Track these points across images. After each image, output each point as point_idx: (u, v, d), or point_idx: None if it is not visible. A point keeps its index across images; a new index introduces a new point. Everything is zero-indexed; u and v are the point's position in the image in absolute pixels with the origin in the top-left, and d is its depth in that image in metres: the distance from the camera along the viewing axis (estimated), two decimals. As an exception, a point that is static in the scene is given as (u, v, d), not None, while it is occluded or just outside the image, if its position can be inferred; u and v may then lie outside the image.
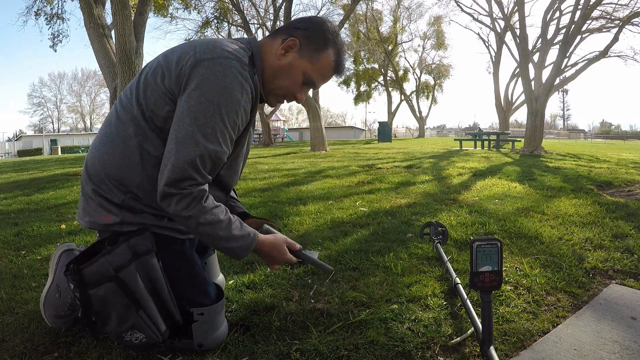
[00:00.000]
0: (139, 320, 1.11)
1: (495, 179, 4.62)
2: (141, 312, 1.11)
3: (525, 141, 10.79)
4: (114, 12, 6.05)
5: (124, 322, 1.11)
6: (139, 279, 1.11)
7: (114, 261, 1.08)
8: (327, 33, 1.16)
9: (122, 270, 1.09)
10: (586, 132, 65.00)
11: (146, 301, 1.12)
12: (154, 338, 1.13)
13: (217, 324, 1.22)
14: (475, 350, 1.20)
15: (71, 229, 2.74)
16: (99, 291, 1.08)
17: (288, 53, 1.15)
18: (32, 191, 4.69)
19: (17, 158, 23.01)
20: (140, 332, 1.12)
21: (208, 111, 1.01)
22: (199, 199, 1.04)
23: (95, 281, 1.08)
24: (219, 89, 1.02)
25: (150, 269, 1.13)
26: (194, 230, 1.07)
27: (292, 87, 1.18)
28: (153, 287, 1.14)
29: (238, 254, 1.12)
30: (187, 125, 1.02)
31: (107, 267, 1.08)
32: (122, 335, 1.12)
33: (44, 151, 31.46)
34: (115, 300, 1.09)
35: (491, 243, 1.14)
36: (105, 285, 1.08)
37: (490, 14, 17.86)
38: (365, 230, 2.49)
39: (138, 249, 1.11)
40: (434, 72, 34.68)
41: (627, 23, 11.29)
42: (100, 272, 1.08)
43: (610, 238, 2.24)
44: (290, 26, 1.18)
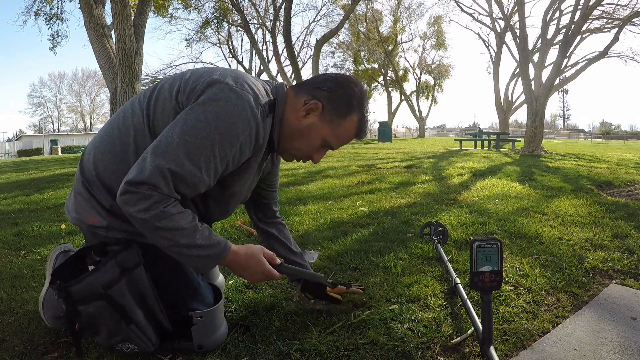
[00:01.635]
0: (130, 334, 1.11)
1: (495, 179, 4.62)
2: (132, 326, 1.10)
3: (525, 141, 10.79)
4: (114, 12, 6.05)
5: (115, 335, 1.11)
6: (127, 294, 1.09)
7: (102, 279, 1.07)
8: (352, 99, 1.13)
9: (112, 288, 1.07)
10: (586, 132, 65.03)
11: (136, 315, 1.11)
12: (145, 348, 1.14)
13: (217, 325, 1.22)
14: (475, 350, 1.20)
15: (71, 229, 2.73)
16: (88, 308, 1.07)
17: (309, 115, 1.12)
18: (32, 191, 4.69)
19: (17, 158, 23.01)
20: (131, 344, 1.12)
21: (202, 132, 0.97)
22: (159, 203, 0.96)
23: (84, 299, 1.06)
24: (223, 115, 0.98)
25: (138, 283, 1.12)
26: (151, 236, 1.00)
27: (309, 150, 1.16)
28: (142, 300, 1.13)
29: (204, 264, 1.05)
30: (176, 136, 0.97)
31: (96, 286, 1.06)
32: (114, 346, 1.13)
33: (44, 151, 31.46)
34: (105, 316, 1.08)
35: (491, 243, 1.14)
36: (94, 303, 1.07)
37: (490, 14, 17.88)
38: (365, 230, 2.49)
39: (126, 264, 1.09)
40: (433, 72, 34.70)
41: (627, 23, 11.30)
42: (89, 290, 1.06)
43: (610, 238, 2.24)
44: (316, 85, 1.14)
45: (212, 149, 0.98)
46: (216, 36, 18.94)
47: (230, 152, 1.01)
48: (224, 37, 19.23)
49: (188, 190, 1.01)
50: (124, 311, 1.09)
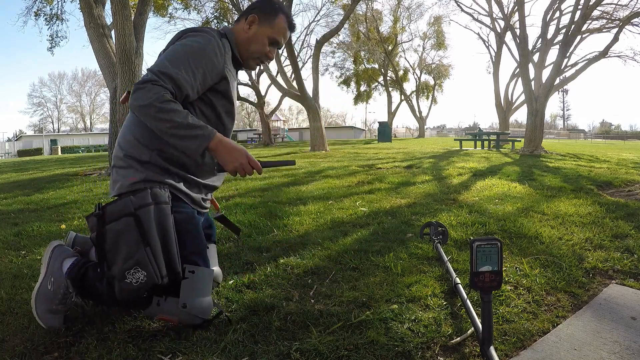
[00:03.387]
0: (144, 257, 1.22)
1: (495, 179, 4.62)
2: (148, 249, 1.23)
3: (525, 141, 10.79)
4: (114, 12, 6.05)
5: (131, 257, 1.21)
6: (153, 221, 1.25)
7: (136, 201, 1.25)
8: (274, 4, 1.55)
9: (141, 209, 1.25)
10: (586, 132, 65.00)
11: (155, 242, 1.25)
12: (154, 278, 1.23)
13: (205, 291, 1.34)
14: (475, 350, 1.20)
15: (71, 229, 2.73)
16: (116, 225, 1.23)
17: (252, 26, 1.52)
18: (32, 191, 4.69)
19: (17, 158, 23.01)
20: (142, 271, 1.21)
21: (179, 52, 1.35)
22: (160, 92, 1.25)
23: (116, 216, 1.23)
24: (193, 41, 1.38)
25: (164, 218, 1.28)
26: (153, 118, 1.24)
27: (263, 50, 1.53)
28: (163, 235, 1.27)
29: (197, 144, 1.27)
30: (163, 58, 1.35)
31: (129, 205, 1.24)
32: (125, 275, 1.21)
33: (44, 151, 31.47)
34: (129, 234, 1.22)
35: (491, 243, 1.14)
36: (124, 219, 1.23)
37: (490, 14, 17.86)
38: (365, 230, 2.49)
39: (158, 197, 1.29)
40: (433, 72, 34.68)
41: (627, 23, 11.30)
42: (122, 209, 1.24)
43: (610, 238, 2.24)
44: (248, 9, 1.56)
45: (187, 59, 1.34)
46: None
47: (201, 61, 1.36)
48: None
49: (176, 88, 1.30)
50: (145, 233, 1.23)
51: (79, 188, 4.78)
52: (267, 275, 1.77)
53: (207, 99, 1.43)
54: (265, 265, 1.89)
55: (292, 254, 2.05)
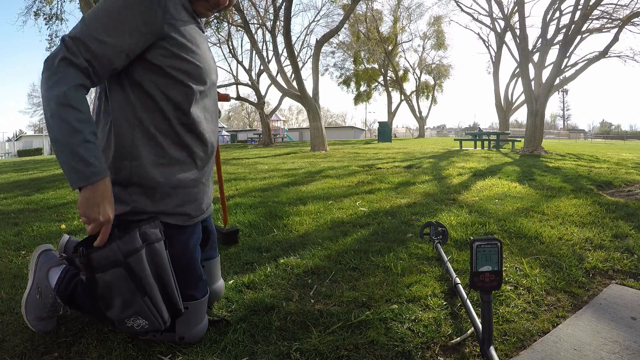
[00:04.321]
0: (144, 308, 1.12)
1: (495, 179, 4.62)
2: (146, 299, 1.12)
3: (525, 141, 10.79)
4: (114, 12, 6.04)
5: (128, 308, 1.12)
6: (146, 265, 1.13)
7: (124, 247, 1.10)
8: None
9: (131, 257, 1.10)
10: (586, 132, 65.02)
11: (152, 288, 1.14)
12: (156, 325, 1.15)
13: (200, 318, 1.28)
14: (475, 350, 1.20)
15: (71, 228, 2.74)
16: (105, 276, 1.09)
17: None
18: (32, 191, 4.69)
19: (17, 158, 23.01)
20: (143, 319, 1.13)
21: (99, 10, 1.07)
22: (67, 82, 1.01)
23: (103, 266, 1.08)
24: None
25: (158, 257, 1.16)
26: (48, 119, 1.01)
27: None
28: (159, 275, 1.16)
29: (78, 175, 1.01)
30: (78, 23, 1.09)
31: (117, 253, 1.09)
32: (125, 321, 1.13)
33: (44, 151, 31.46)
34: (121, 285, 1.10)
35: (491, 243, 1.14)
36: (113, 270, 1.09)
37: (490, 14, 17.86)
38: (365, 230, 2.49)
39: (149, 236, 1.14)
40: (433, 72, 34.68)
41: (627, 23, 11.30)
42: (109, 258, 1.09)
43: (610, 238, 2.24)
44: None
45: (108, 17, 1.06)
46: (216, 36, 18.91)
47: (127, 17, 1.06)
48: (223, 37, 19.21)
49: (92, 56, 1.04)
50: (140, 282, 1.11)
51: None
52: (267, 275, 1.77)
53: (151, 66, 1.12)
54: (265, 265, 1.89)
55: (292, 254, 2.05)
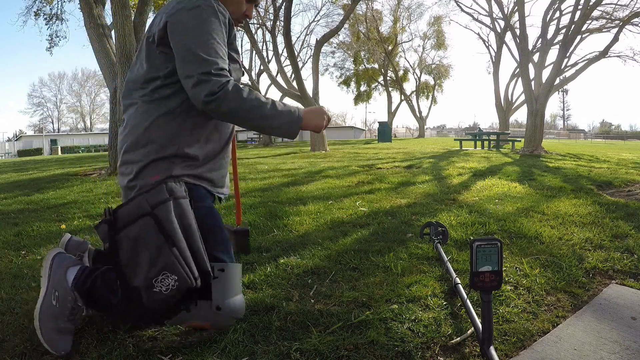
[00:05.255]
0: (172, 259, 1.09)
1: (495, 179, 4.62)
2: (175, 250, 1.10)
3: (525, 141, 10.79)
4: (114, 12, 6.05)
5: (156, 263, 1.09)
6: (174, 217, 1.13)
7: (151, 199, 1.12)
8: None
9: (159, 207, 1.12)
10: (586, 132, 65.03)
11: (180, 241, 1.12)
12: (187, 281, 1.11)
13: (237, 289, 1.25)
14: (475, 350, 1.20)
15: (71, 228, 2.74)
16: (131, 231, 1.10)
17: None
18: (32, 191, 4.69)
19: (17, 158, 23.01)
20: (172, 275, 1.09)
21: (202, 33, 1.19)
22: (238, 89, 1.16)
23: (130, 220, 1.10)
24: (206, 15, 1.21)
25: (184, 213, 1.17)
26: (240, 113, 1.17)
27: (239, 9, 1.38)
28: (186, 232, 1.15)
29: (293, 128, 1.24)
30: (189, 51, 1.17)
31: (144, 204, 1.11)
32: (153, 284, 1.09)
33: (44, 151, 31.46)
34: (149, 237, 1.10)
35: (491, 243, 1.14)
36: (140, 221, 1.10)
37: (490, 13, 17.86)
38: (365, 230, 2.49)
39: (175, 192, 1.17)
40: (433, 72, 34.68)
41: (627, 23, 11.30)
42: (136, 210, 1.11)
43: (610, 238, 2.24)
44: None
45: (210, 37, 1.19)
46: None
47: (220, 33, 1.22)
48: (224, 37, 19.25)
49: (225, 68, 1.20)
50: (167, 232, 1.10)
51: (79, 188, 4.78)
52: (267, 275, 1.77)
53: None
54: (265, 265, 1.89)
55: (292, 254, 2.05)
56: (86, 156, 14.15)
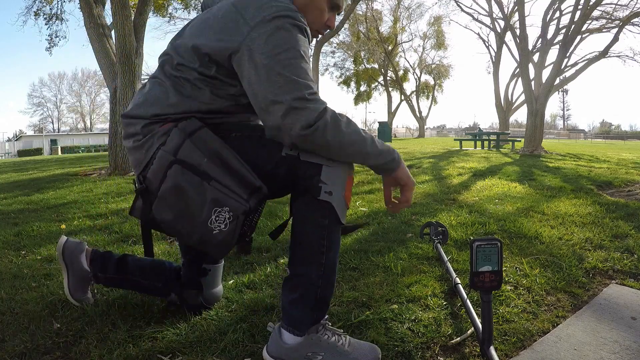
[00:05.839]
0: (216, 192, 1.04)
1: (495, 179, 4.62)
2: (213, 182, 1.05)
3: (525, 141, 10.80)
4: (114, 12, 6.05)
5: (204, 202, 1.04)
6: (196, 150, 1.06)
7: (169, 147, 1.06)
8: None
9: (179, 150, 1.05)
10: (586, 132, 65.08)
11: (214, 172, 1.06)
12: (239, 206, 1.05)
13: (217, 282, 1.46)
14: (475, 350, 1.20)
15: (71, 229, 2.74)
16: (167, 184, 1.04)
17: None
18: (32, 191, 4.69)
19: (17, 158, 23.02)
20: (224, 207, 1.04)
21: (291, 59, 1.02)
22: (336, 118, 1.03)
23: (161, 176, 1.05)
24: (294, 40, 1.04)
25: (207, 141, 1.08)
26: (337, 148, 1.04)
27: (321, 19, 1.20)
28: (219, 158, 1.07)
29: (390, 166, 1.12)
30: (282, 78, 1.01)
31: (165, 156, 1.05)
32: (210, 227, 1.04)
33: (44, 151, 31.47)
34: (186, 183, 1.04)
35: (491, 243, 1.14)
36: (170, 172, 1.04)
37: (490, 13, 17.88)
38: (365, 230, 2.49)
39: (188, 129, 1.08)
40: (433, 72, 34.69)
41: (627, 23, 11.31)
42: (161, 165, 1.05)
43: (610, 238, 2.24)
44: None
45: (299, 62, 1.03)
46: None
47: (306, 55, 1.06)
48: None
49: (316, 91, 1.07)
50: (199, 170, 1.05)
51: (79, 188, 4.78)
52: (267, 275, 1.77)
53: None
54: (265, 265, 1.89)
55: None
56: (86, 156, 14.16)
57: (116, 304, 1.48)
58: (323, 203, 1.10)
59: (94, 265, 1.45)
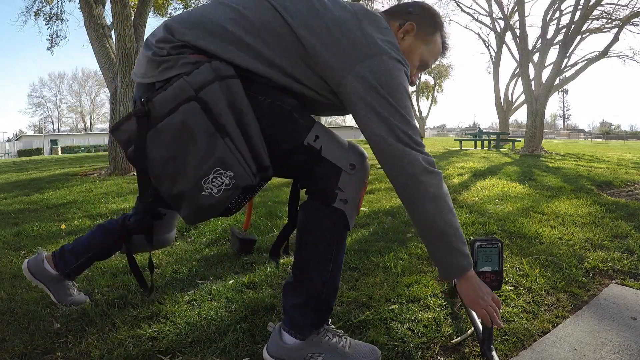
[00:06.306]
0: (226, 151, 0.92)
1: (495, 179, 4.62)
2: (228, 140, 0.92)
3: (525, 141, 10.80)
4: (114, 12, 6.05)
5: (207, 156, 0.91)
6: (223, 100, 0.93)
7: (194, 80, 0.92)
8: (437, 17, 1.19)
9: (205, 89, 0.92)
10: (586, 132, 65.11)
11: (233, 130, 0.94)
12: (245, 177, 0.94)
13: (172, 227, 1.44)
14: (475, 350, 1.20)
15: (71, 229, 2.74)
16: (175, 117, 0.91)
17: (405, 37, 1.15)
18: (32, 191, 4.69)
19: (17, 158, 23.02)
20: (227, 171, 0.92)
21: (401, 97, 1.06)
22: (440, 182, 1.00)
23: (170, 108, 0.91)
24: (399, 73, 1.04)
25: (238, 95, 0.96)
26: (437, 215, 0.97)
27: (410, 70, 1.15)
28: (241, 120, 0.96)
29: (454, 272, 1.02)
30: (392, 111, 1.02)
31: (186, 87, 0.91)
32: (201, 185, 0.92)
33: (44, 151, 31.47)
34: (196, 126, 0.91)
35: (492, 243, 1.14)
36: (183, 108, 0.91)
37: (490, 13, 17.89)
38: (365, 230, 2.49)
39: (221, 71, 0.95)
40: (433, 72, 34.67)
41: (627, 23, 11.31)
42: (177, 95, 0.91)
43: (610, 238, 2.24)
44: (403, 10, 1.17)
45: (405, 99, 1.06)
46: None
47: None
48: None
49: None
50: (217, 119, 0.92)
51: (79, 188, 4.78)
52: (267, 275, 1.77)
53: None
54: (265, 265, 1.89)
55: (292, 253, 2.05)
56: (86, 156, 14.16)
57: (116, 304, 1.48)
58: (336, 210, 1.06)
59: (59, 267, 1.45)
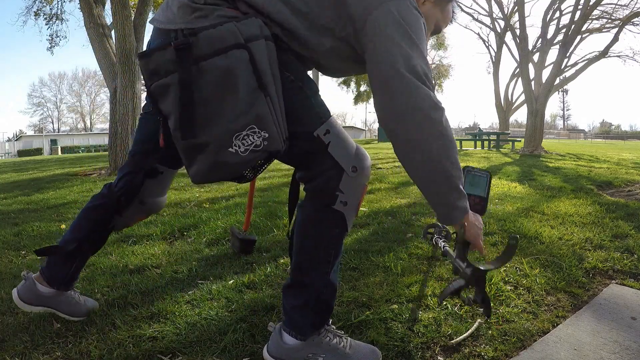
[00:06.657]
0: (266, 110, 0.87)
1: (495, 179, 4.62)
2: (269, 100, 0.88)
3: (525, 141, 10.80)
4: (114, 12, 6.05)
5: (246, 111, 0.85)
6: (267, 61, 0.90)
7: (245, 30, 0.87)
8: None
9: (253, 42, 0.87)
10: (586, 132, 65.13)
11: (273, 91, 0.90)
12: (277, 141, 0.90)
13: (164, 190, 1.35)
14: (475, 351, 1.20)
15: (71, 229, 2.73)
16: (220, 62, 0.84)
17: (426, 2, 1.14)
18: (32, 191, 4.69)
19: (17, 158, 23.02)
20: (262, 131, 0.87)
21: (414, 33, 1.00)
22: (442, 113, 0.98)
23: (218, 49, 0.84)
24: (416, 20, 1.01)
25: (273, 61, 0.93)
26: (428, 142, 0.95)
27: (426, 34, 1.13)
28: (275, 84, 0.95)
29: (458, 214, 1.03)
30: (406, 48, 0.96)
31: (237, 34, 0.86)
32: (231, 140, 0.86)
33: (44, 151, 31.48)
34: (241, 76, 0.85)
35: (481, 173, 1.22)
36: (234, 52, 0.85)
37: (490, 14, 17.87)
38: (365, 230, 2.49)
39: (265, 30, 0.92)
40: (433, 72, 34.65)
41: (627, 23, 11.31)
42: (226, 38, 0.85)
43: (610, 238, 2.24)
44: None
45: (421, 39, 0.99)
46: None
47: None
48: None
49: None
50: (261, 77, 0.87)
51: (79, 188, 4.78)
52: (267, 275, 1.77)
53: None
54: (265, 265, 1.89)
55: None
56: (86, 156, 14.16)
57: (116, 304, 1.48)
58: (336, 212, 1.05)
59: (52, 283, 1.31)
